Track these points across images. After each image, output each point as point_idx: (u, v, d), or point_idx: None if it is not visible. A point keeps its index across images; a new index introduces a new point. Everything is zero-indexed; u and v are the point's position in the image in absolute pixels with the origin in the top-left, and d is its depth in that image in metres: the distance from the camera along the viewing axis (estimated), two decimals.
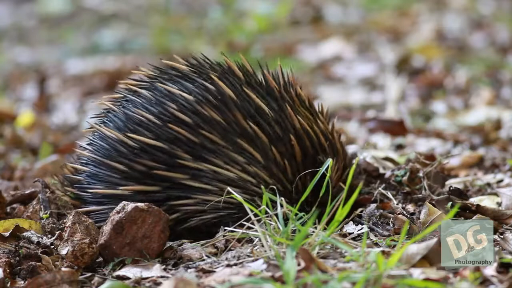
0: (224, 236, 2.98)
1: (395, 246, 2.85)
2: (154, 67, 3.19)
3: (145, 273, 2.78)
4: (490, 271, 2.57)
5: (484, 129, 4.84)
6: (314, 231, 2.78)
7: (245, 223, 2.86)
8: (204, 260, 2.87)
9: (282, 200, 2.81)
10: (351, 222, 3.08)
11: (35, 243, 3.02)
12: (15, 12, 10.11)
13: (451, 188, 3.26)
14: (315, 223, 2.84)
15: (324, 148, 3.14)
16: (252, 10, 8.51)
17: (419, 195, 3.32)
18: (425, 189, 3.32)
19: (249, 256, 2.78)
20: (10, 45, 8.94)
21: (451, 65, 6.54)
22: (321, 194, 2.94)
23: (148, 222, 2.90)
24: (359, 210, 3.15)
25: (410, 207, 3.25)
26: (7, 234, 3.08)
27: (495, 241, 2.86)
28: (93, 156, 3.11)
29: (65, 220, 3.07)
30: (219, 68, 3.13)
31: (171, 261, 2.92)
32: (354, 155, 3.59)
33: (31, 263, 2.90)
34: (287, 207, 2.81)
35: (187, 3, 9.64)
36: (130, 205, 2.90)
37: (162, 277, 2.76)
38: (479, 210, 3.15)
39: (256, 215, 2.81)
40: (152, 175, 3.03)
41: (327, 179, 2.87)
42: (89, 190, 3.12)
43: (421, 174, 3.37)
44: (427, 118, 5.41)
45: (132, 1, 9.79)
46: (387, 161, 3.66)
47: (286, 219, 2.80)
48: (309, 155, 3.11)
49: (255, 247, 2.80)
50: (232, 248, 2.91)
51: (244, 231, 2.87)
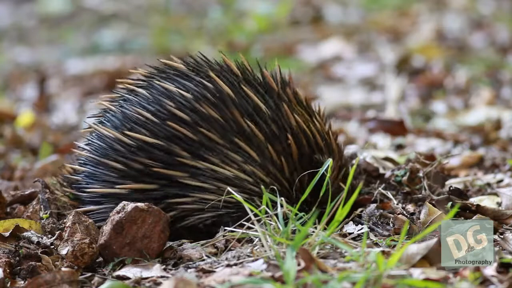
0: (224, 236, 2.98)
1: (395, 246, 2.85)
2: (151, 66, 3.18)
3: (145, 273, 2.78)
4: (490, 271, 2.57)
5: (484, 129, 4.84)
6: (314, 231, 2.78)
7: (245, 223, 2.86)
8: (204, 260, 2.86)
9: (282, 200, 2.81)
10: (351, 222, 3.08)
11: (35, 243, 3.02)
12: (15, 12, 10.11)
13: (451, 188, 3.26)
14: (315, 223, 2.84)
15: (320, 147, 3.13)
16: (252, 10, 8.50)
17: (419, 195, 3.31)
18: (425, 189, 3.32)
19: (249, 256, 2.77)
20: (10, 45, 8.94)
21: (451, 65, 6.54)
22: (321, 194, 2.93)
23: (148, 222, 2.90)
24: (359, 210, 3.15)
25: (410, 207, 3.25)
26: (7, 234, 3.08)
27: (495, 241, 2.86)
28: (90, 156, 3.11)
29: (65, 220, 3.07)
30: (216, 66, 3.12)
31: (171, 261, 2.91)
32: (354, 155, 3.58)
33: (31, 263, 2.89)
34: (287, 207, 2.81)
35: (187, 3, 9.64)
36: (130, 205, 2.90)
37: (162, 277, 2.76)
38: (479, 210, 3.15)
39: (255, 214, 2.81)
40: (149, 173, 3.02)
41: (327, 179, 2.87)
42: (87, 190, 3.12)
43: (421, 174, 3.37)
44: (427, 118, 5.41)
45: (132, 1, 9.79)
46: (387, 161, 3.65)
47: (286, 219, 2.79)
48: (305, 154, 3.11)
49: (255, 247, 2.80)
50: (232, 248, 2.91)
51: (244, 231, 2.87)
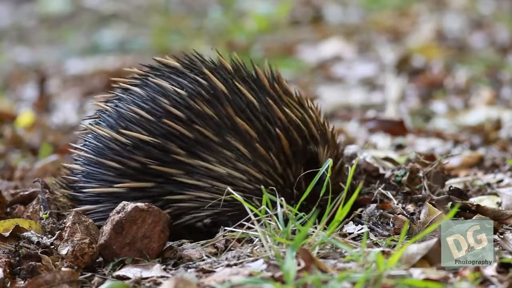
0: (224, 236, 2.98)
1: (395, 246, 2.85)
2: (145, 65, 3.18)
3: (145, 273, 2.78)
4: (490, 271, 2.56)
5: (484, 129, 4.84)
6: (314, 231, 2.78)
7: (245, 223, 2.86)
8: (204, 260, 2.86)
9: (282, 201, 2.81)
10: (351, 222, 3.08)
11: (35, 243, 3.02)
12: (15, 12, 10.11)
13: (451, 188, 3.26)
14: (315, 223, 2.84)
15: (315, 138, 3.12)
16: (252, 10, 8.50)
17: (419, 195, 3.31)
18: (425, 189, 3.32)
19: (249, 256, 2.77)
20: (10, 45, 8.93)
21: (451, 65, 6.54)
22: (320, 192, 2.93)
23: (148, 222, 2.90)
24: (359, 210, 3.15)
25: (410, 207, 3.25)
26: (7, 234, 3.08)
27: (495, 241, 2.86)
28: (87, 156, 3.11)
29: (65, 220, 3.07)
30: (210, 64, 3.12)
31: (171, 261, 2.92)
32: (354, 155, 3.58)
33: (31, 263, 2.89)
34: (287, 207, 2.81)
35: (187, 3, 9.64)
36: (130, 205, 2.90)
37: (162, 277, 2.76)
38: (479, 210, 3.15)
39: (255, 214, 2.80)
40: (146, 171, 3.03)
41: (327, 179, 2.87)
42: (84, 190, 3.12)
43: (421, 174, 3.37)
44: (427, 118, 5.41)
45: (132, 1, 9.79)
46: (387, 161, 3.65)
47: (286, 219, 2.79)
48: (298, 147, 3.10)
49: (255, 247, 2.80)
50: (232, 248, 2.91)
51: (244, 231, 2.87)
